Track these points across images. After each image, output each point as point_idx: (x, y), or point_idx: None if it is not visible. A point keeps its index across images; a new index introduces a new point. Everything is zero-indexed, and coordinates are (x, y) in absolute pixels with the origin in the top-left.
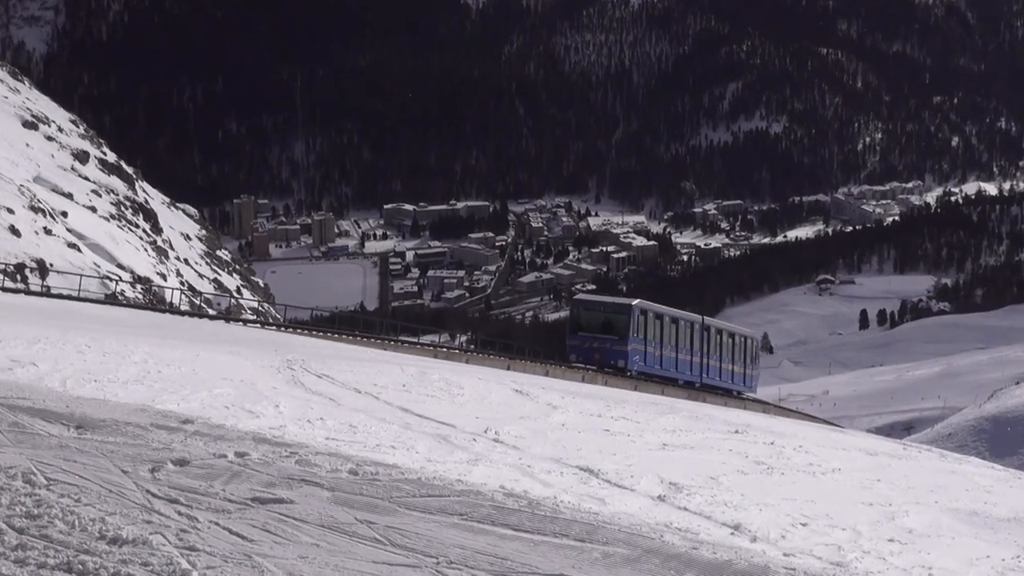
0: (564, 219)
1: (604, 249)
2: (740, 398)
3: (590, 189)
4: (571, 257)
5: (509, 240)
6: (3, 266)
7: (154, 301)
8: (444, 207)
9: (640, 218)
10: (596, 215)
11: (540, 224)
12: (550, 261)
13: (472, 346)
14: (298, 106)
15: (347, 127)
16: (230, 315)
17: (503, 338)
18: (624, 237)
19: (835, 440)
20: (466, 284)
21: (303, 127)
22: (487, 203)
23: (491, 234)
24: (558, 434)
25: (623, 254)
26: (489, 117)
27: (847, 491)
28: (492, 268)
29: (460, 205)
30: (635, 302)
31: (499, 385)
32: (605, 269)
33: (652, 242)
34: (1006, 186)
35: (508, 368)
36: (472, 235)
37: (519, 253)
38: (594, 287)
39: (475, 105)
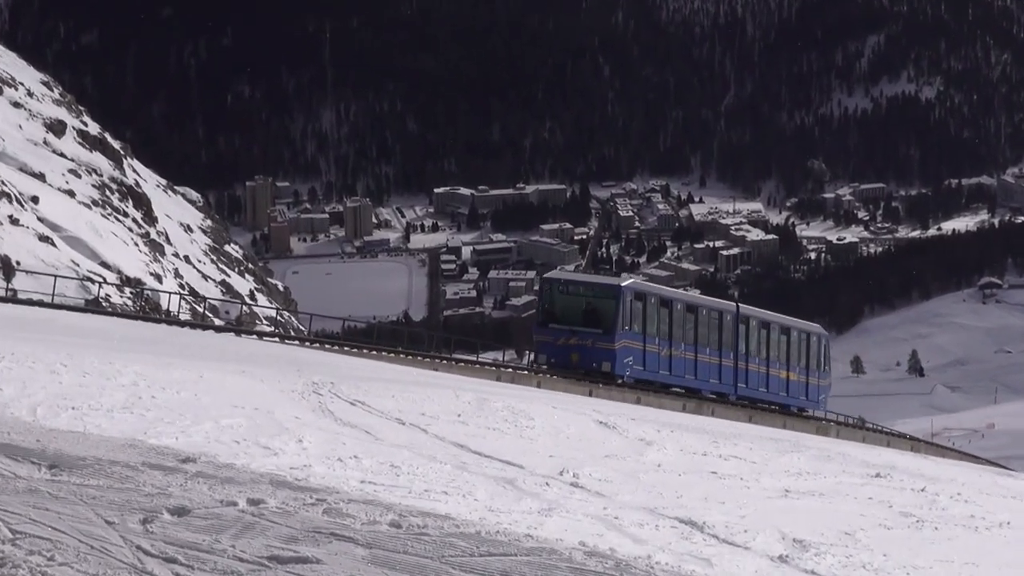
0: (660, 206)
1: (711, 244)
2: (804, 417)
3: (693, 169)
4: (669, 254)
5: (591, 233)
6: None
7: (147, 308)
8: (510, 191)
9: (756, 205)
10: (700, 201)
11: (630, 213)
12: (643, 260)
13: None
14: (327, 65)
15: (388, 91)
16: (241, 326)
17: None
18: (736, 229)
19: (1003, 486)
20: (537, 288)
21: (333, 91)
22: (563, 186)
23: (568, 225)
24: (653, 477)
25: (734, 251)
26: (566, 79)
27: (1018, 551)
28: (570, 268)
29: (530, 189)
30: (627, 282)
31: (579, 415)
32: (712, 269)
33: (771, 236)
34: None
35: (590, 394)
36: (545, 227)
37: (604, 249)
38: (698, 292)
39: (549, 64)
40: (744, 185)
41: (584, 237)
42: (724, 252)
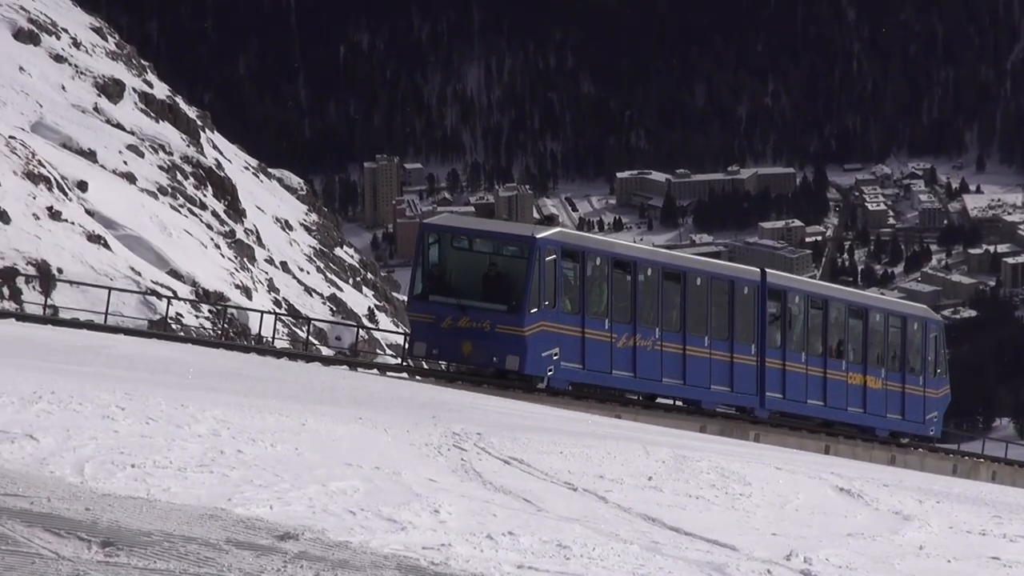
0: (923, 198)
1: (991, 250)
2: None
3: (968, 147)
4: (935, 262)
5: (829, 233)
6: None
7: (231, 332)
8: (719, 176)
9: None
10: (978, 191)
11: (882, 206)
12: (898, 269)
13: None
14: (473, 5)
15: (555, 41)
16: (358, 357)
17: None
18: None
19: None
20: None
21: (481, 41)
22: (791, 170)
23: (798, 222)
24: (912, 564)
25: None
26: (793, 27)
27: None
28: (802, 274)
29: (746, 174)
30: (546, 232)
31: (811, 479)
32: (992, 283)
33: None
34: None
35: (827, 451)
36: (765, 224)
37: (845, 255)
38: (975, 314)
39: (772, 5)
40: None
41: (819, 239)
42: (1009, 260)
